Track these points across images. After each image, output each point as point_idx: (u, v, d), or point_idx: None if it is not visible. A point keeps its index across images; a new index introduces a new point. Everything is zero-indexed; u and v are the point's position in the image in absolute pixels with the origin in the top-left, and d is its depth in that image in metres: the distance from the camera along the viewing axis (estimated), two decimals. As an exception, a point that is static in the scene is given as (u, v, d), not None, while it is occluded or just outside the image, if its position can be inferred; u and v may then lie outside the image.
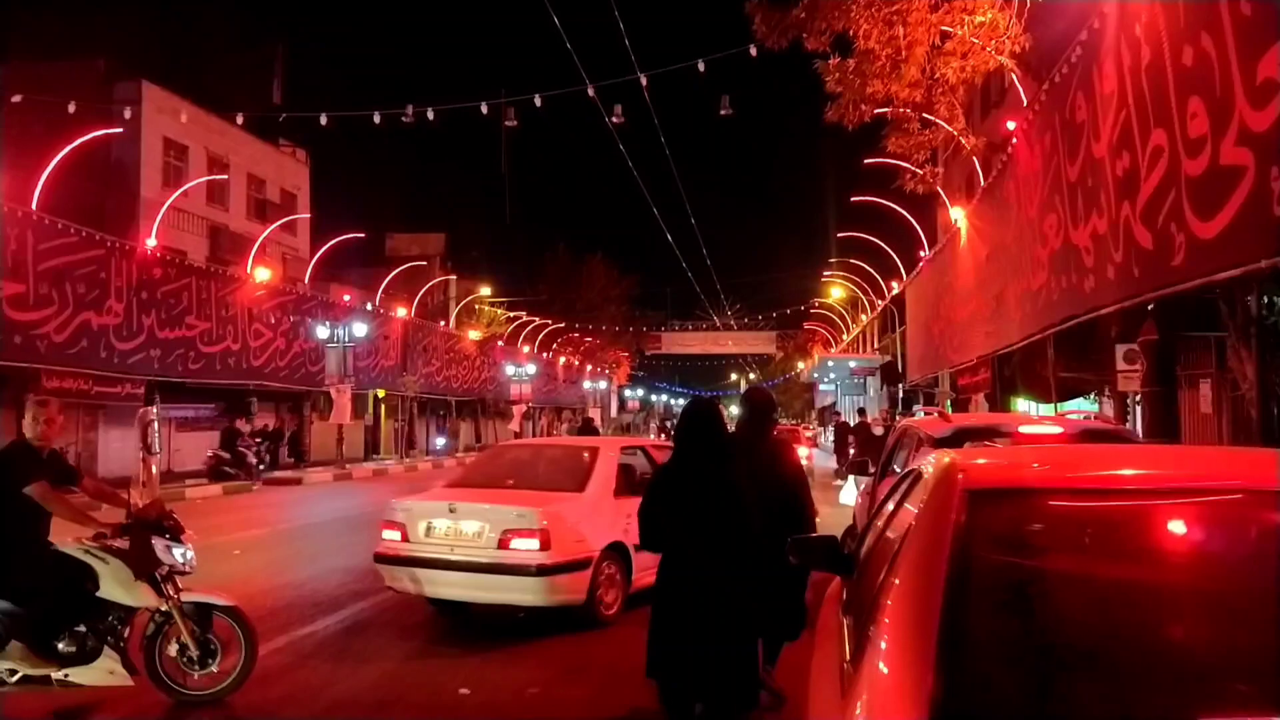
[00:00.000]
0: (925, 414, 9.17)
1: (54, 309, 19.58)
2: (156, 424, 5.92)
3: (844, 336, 49.57)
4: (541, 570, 6.76)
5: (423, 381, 37.82)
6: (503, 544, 6.87)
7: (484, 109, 16.66)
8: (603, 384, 71.54)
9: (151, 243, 22.95)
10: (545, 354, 57.48)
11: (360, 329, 25.98)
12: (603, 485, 7.59)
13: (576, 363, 65.52)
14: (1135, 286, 9.43)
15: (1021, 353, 15.67)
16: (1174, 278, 8.43)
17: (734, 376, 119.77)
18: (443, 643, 7.12)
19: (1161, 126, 8.52)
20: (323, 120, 18.31)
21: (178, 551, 5.33)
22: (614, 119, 25.30)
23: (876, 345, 37.36)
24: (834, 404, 56.67)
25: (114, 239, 21.72)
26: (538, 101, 16.03)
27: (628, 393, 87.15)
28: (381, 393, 35.19)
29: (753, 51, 12.34)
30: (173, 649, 5.30)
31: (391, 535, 7.48)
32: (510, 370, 43.85)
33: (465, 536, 7.08)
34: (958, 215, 19.21)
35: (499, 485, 7.88)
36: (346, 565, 10.19)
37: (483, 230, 62.17)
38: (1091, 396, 15.98)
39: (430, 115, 16.99)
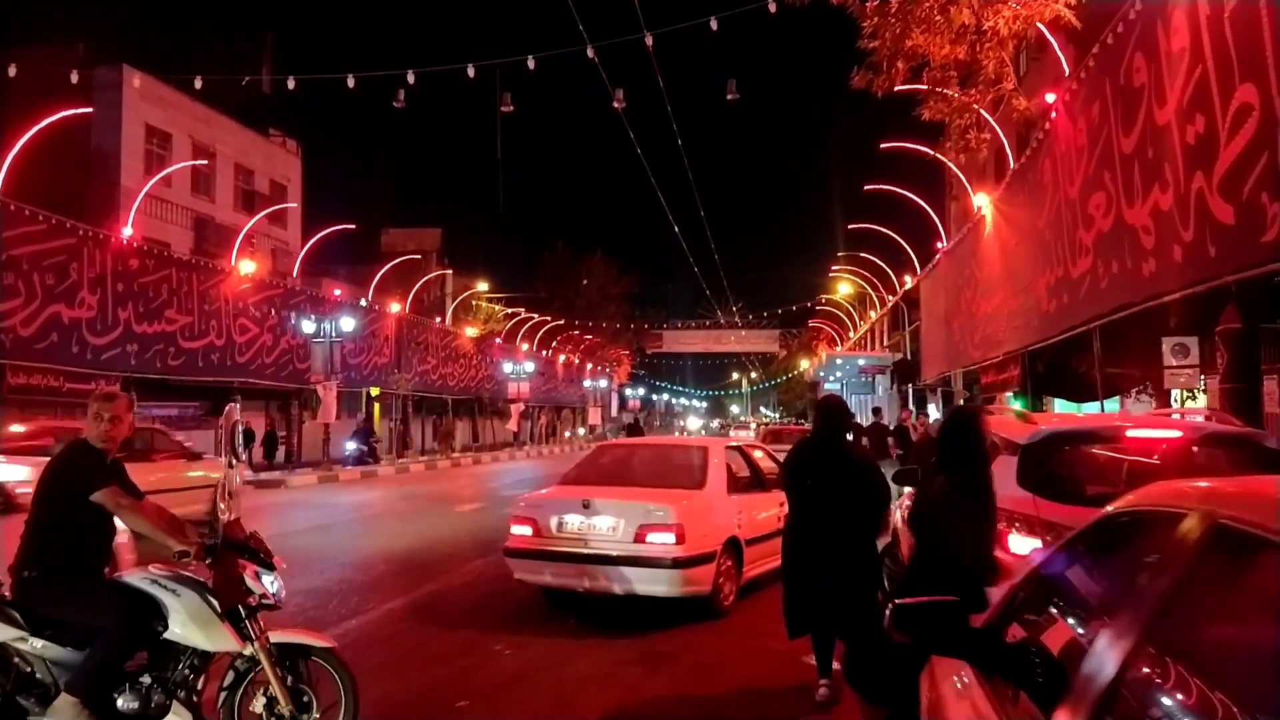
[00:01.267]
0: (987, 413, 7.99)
1: (20, 300, 18.44)
2: (241, 424, 4.59)
3: (850, 334, 48.37)
4: (676, 563, 7.04)
5: (417, 379, 36.69)
6: (639, 538, 7.14)
7: (470, 72, 15.40)
8: (603, 383, 70.39)
9: (127, 232, 21.77)
10: (544, 352, 56.32)
11: (348, 324, 24.78)
12: (718, 483, 7.93)
13: (576, 361, 64.37)
14: (1211, 268, 8.24)
15: (1053, 348, 14.52)
16: (1263, 255, 7.26)
17: (735, 375, 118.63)
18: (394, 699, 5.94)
19: (1250, 80, 7.34)
20: (290, 84, 17.11)
21: (267, 579, 4.27)
22: (617, 103, 24.18)
23: (886, 343, 36.17)
24: (839, 403, 55.46)
25: (86, 227, 20.57)
26: (530, 64, 14.83)
27: (628, 392, 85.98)
28: (375, 391, 34.02)
29: (772, 8, 11.14)
30: (258, 704, 4.20)
31: (522, 530, 7.68)
32: (508, 368, 42.68)
33: (600, 531, 7.32)
34: (982, 201, 18.04)
35: (617, 483, 8.08)
36: (310, 586, 9.03)
37: (480, 226, 61.11)
38: (1134, 395, 14.82)
39: (410, 79, 15.76)
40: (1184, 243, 8.80)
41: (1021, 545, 4.53)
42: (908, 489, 7.31)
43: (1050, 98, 12.82)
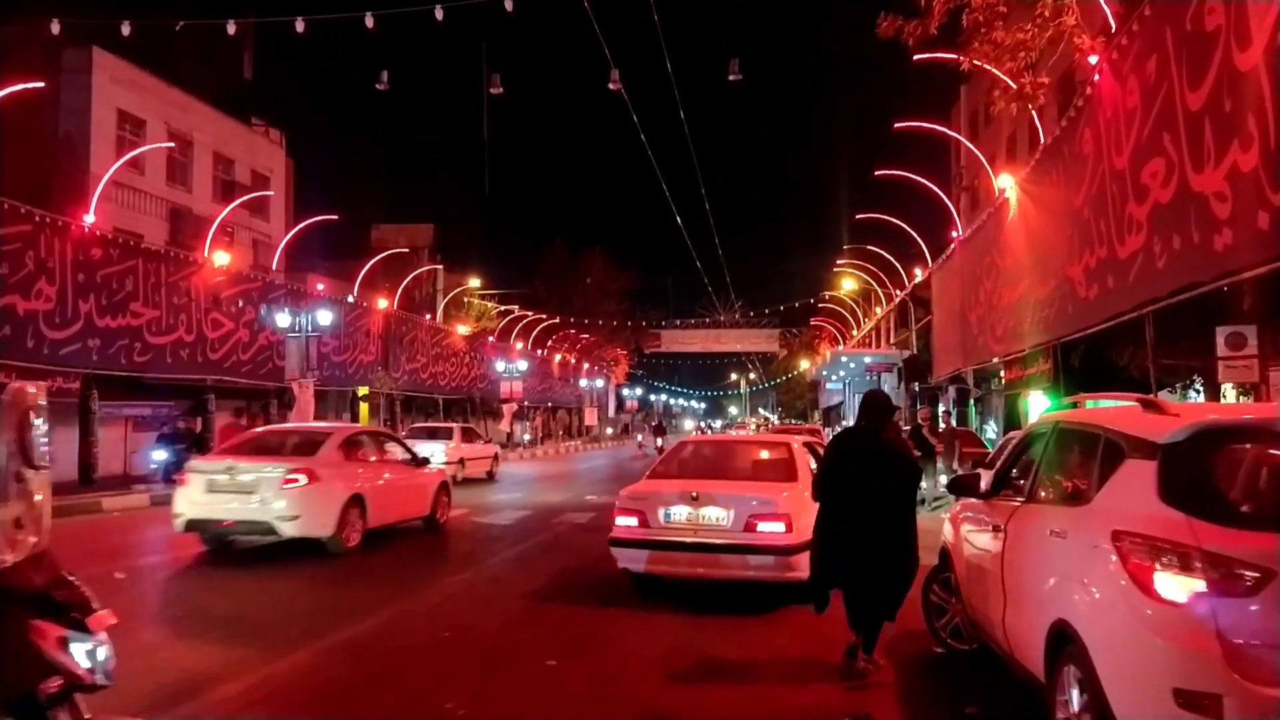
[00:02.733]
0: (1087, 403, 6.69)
1: (-31, 291, 17.08)
2: (41, 416, 3.04)
3: (854, 333, 47.03)
4: (785, 550, 7.48)
5: (406, 378, 35.34)
6: (749, 527, 7.61)
7: (439, 14, 13.99)
8: (600, 383, 69.02)
9: (89, 219, 20.35)
10: (540, 351, 54.93)
11: (325, 318, 23.34)
12: (807, 476, 8.16)
13: (573, 360, 62.98)
14: (1312, 234, 6.95)
15: (1089, 339, 13.22)
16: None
17: (734, 376, 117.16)
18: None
19: (1376, 2, 6.03)
20: (231, 28, 15.71)
21: (81, 648, 2.91)
22: (613, 84, 22.90)
23: (893, 340, 34.83)
24: (841, 404, 54.09)
25: (44, 213, 19.16)
26: (509, 5, 13.40)
27: (625, 392, 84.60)
28: (363, 390, 32.60)
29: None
30: None
31: (628, 521, 8.07)
32: (501, 367, 41.29)
33: (709, 521, 7.76)
34: (1005, 183, 16.72)
35: (710, 476, 8.48)
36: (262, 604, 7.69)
37: (475, 223, 59.69)
38: (1180, 390, 13.52)
39: (370, 22, 14.37)
40: (1274, 207, 7.50)
41: (1174, 588, 3.19)
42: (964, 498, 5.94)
43: (1093, 59, 11.50)
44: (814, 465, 8.80)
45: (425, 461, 13.67)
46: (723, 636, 6.75)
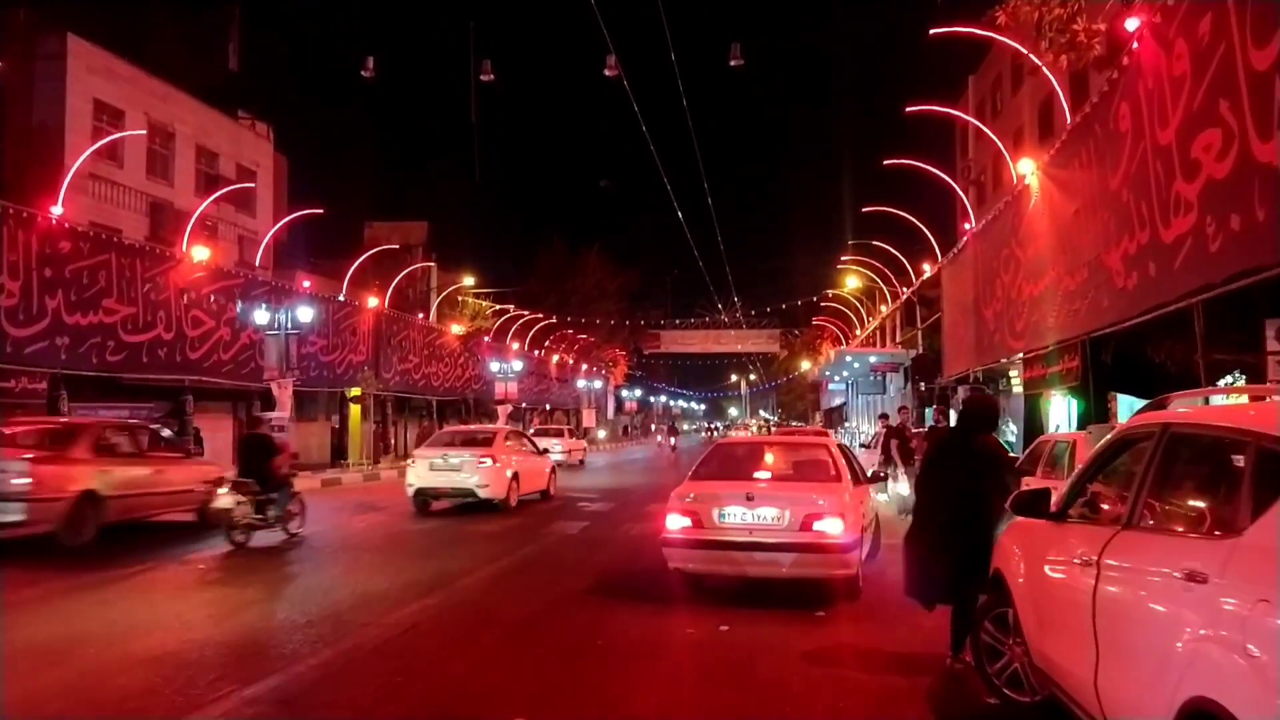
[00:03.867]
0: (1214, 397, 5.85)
1: (-74, 286, 16.06)
2: None
3: (857, 332, 46.00)
4: (839, 548, 7.72)
5: (398, 379, 34.31)
6: (805, 526, 7.79)
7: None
8: (598, 383, 67.98)
9: (57, 210, 19.30)
10: (537, 351, 53.88)
11: (305, 314, 22.26)
12: (848, 475, 8.65)
13: (571, 361, 61.93)
14: None
15: (1123, 334, 12.20)
16: None
17: (734, 377, 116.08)
18: None
19: None
20: None
21: None
22: (609, 70, 21.99)
23: (898, 339, 33.80)
24: (844, 404, 53.08)
25: (5, 204, 18.13)
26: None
27: (624, 393, 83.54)
28: (355, 391, 31.53)
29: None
30: None
31: (682, 522, 8.18)
32: (496, 368, 40.25)
33: (764, 521, 7.94)
34: (1026, 168, 15.70)
35: (757, 477, 8.67)
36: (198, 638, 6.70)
37: (469, 220, 58.63)
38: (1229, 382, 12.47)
39: None
40: (1366, 175, 6.50)
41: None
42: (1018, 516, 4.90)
43: (1132, 23, 10.48)
44: (849, 467, 8.98)
45: (545, 452, 19.65)
46: (732, 683, 5.72)
